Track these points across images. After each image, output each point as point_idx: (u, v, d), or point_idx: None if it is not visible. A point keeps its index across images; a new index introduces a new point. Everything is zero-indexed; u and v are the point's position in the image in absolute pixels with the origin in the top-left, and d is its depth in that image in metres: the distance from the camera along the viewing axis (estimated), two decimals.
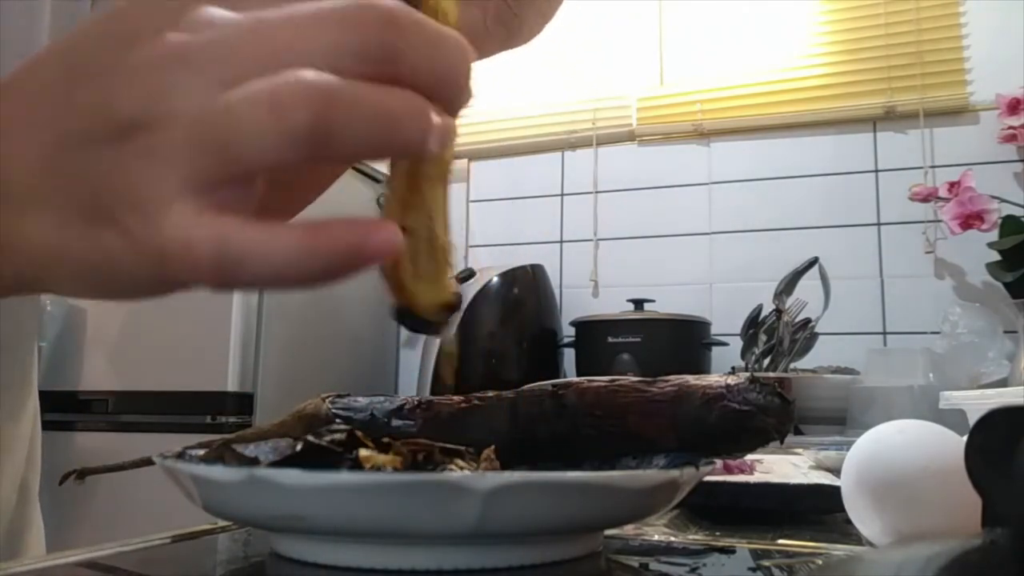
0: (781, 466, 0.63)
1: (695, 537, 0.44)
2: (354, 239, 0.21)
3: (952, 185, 1.65)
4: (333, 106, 0.20)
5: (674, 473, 0.32)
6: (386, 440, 0.33)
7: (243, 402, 1.57)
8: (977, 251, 1.61)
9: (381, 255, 0.21)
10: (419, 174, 0.27)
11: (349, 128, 0.20)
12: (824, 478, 0.55)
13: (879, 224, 1.83)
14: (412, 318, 0.28)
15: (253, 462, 0.32)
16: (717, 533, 0.45)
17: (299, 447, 0.33)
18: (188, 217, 0.21)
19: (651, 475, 0.33)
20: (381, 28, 0.21)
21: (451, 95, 0.23)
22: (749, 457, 0.60)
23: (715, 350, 1.75)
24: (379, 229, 0.21)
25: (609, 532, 0.41)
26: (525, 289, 1.86)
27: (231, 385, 1.55)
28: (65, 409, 1.64)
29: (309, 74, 0.20)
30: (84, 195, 0.22)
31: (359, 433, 0.34)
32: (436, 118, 0.22)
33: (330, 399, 0.42)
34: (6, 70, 0.27)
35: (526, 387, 0.42)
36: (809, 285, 1.64)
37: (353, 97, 0.20)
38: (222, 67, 0.21)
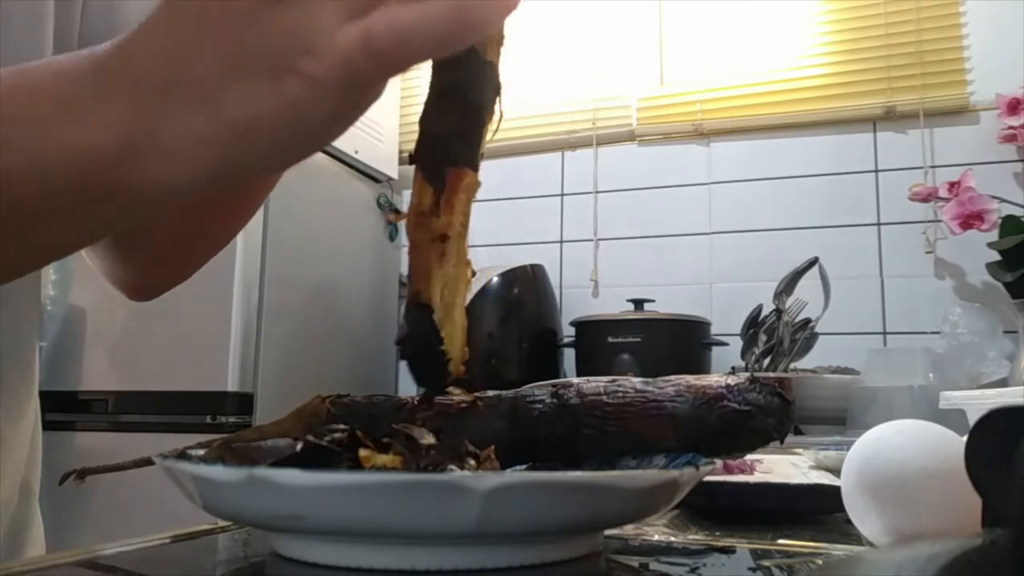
0: (781, 466, 0.63)
1: (695, 537, 0.44)
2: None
3: (952, 185, 1.65)
4: None
5: (674, 473, 0.32)
6: (386, 440, 0.33)
7: (243, 402, 1.57)
8: (977, 251, 1.62)
9: (513, 7, 0.26)
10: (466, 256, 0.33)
11: None
12: (824, 478, 0.55)
13: (879, 224, 1.83)
14: (445, 374, 0.33)
15: (253, 462, 0.32)
16: (717, 533, 0.45)
17: (299, 447, 0.33)
18: (354, 28, 0.24)
19: (651, 475, 0.33)
20: None
21: None
22: (749, 457, 0.60)
23: (715, 350, 1.75)
24: None
25: (609, 532, 0.41)
26: (525, 289, 1.86)
27: (231, 385, 1.55)
28: (65, 409, 1.64)
29: None
30: (261, 60, 0.25)
31: (359, 433, 0.34)
32: None
33: (330, 399, 0.42)
34: None
35: (526, 387, 0.42)
36: (809, 285, 1.64)
37: None
38: None
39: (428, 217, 0.33)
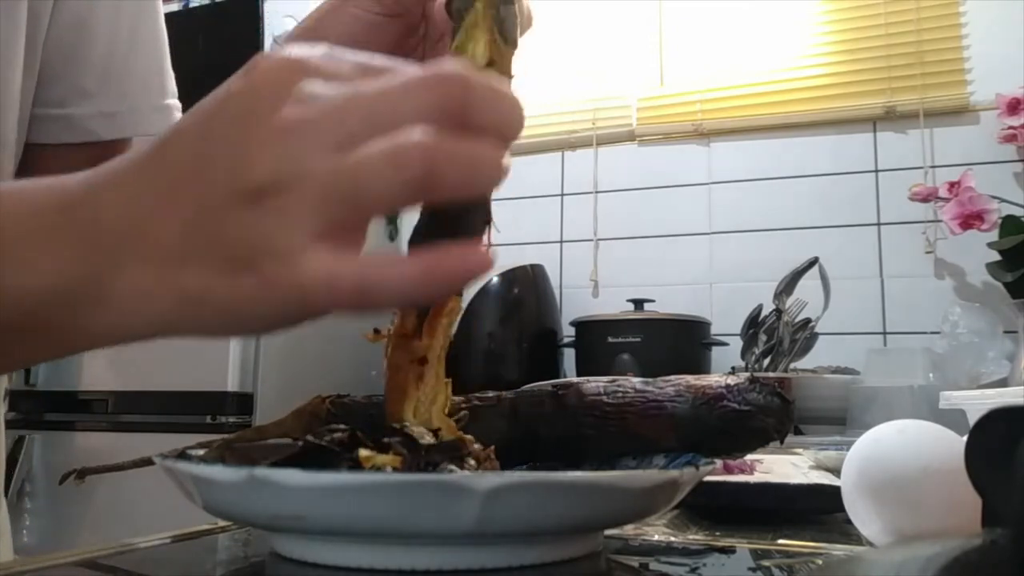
0: (781, 466, 0.63)
1: (695, 537, 0.44)
2: (459, 263, 0.26)
3: (952, 185, 1.64)
4: (438, 156, 0.25)
5: (674, 473, 0.32)
6: (386, 441, 0.33)
7: (243, 402, 1.57)
8: (977, 251, 1.61)
9: (480, 272, 0.26)
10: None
11: (450, 174, 0.25)
12: (824, 478, 0.55)
13: (879, 224, 1.83)
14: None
15: (253, 461, 0.32)
16: (717, 533, 0.45)
17: (299, 445, 0.33)
18: (323, 258, 0.25)
19: (651, 475, 0.33)
20: (457, 89, 0.26)
21: (509, 137, 0.28)
22: (749, 457, 0.60)
23: (715, 350, 1.75)
24: (474, 256, 0.26)
25: (609, 532, 0.41)
26: (525, 289, 1.86)
27: (231, 385, 1.55)
28: (65, 409, 1.64)
29: (416, 133, 0.25)
30: (227, 250, 0.26)
31: (359, 433, 0.34)
32: (505, 160, 0.27)
33: (330, 399, 0.42)
34: None
35: (526, 387, 0.42)
36: (809, 285, 1.64)
37: (451, 148, 0.25)
38: (336, 134, 0.25)
39: (409, 339, 0.35)
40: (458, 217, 0.34)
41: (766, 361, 1.60)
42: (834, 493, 0.42)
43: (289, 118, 0.25)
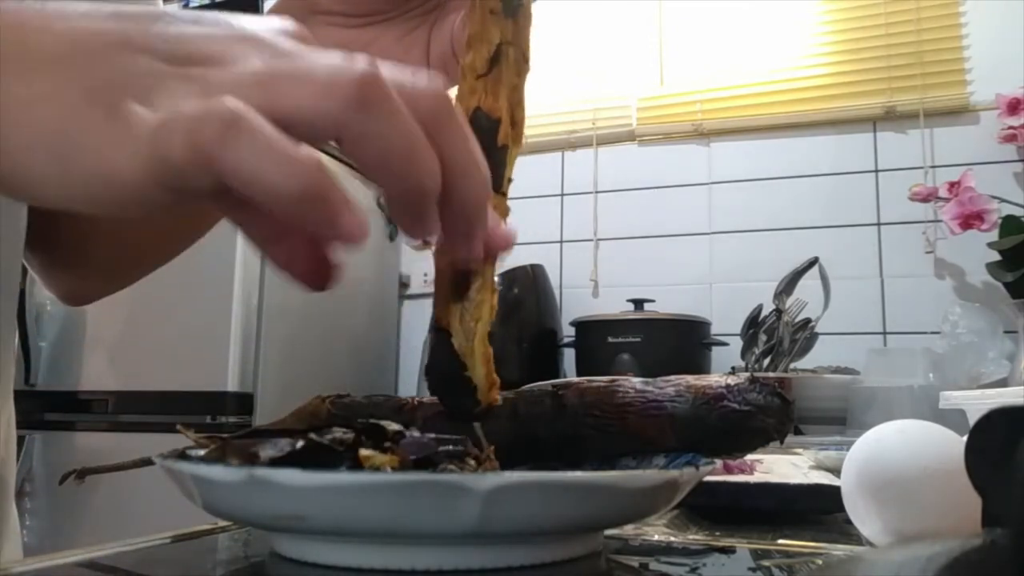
0: (781, 466, 0.63)
1: (695, 537, 0.44)
2: (335, 209, 0.24)
3: (952, 185, 1.65)
4: (381, 85, 0.24)
5: (674, 473, 0.32)
6: (387, 444, 0.33)
7: (243, 402, 1.57)
8: (977, 251, 1.62)
9: (344, 237, 0.24)
10: (492, 282, 0.35)
11: (388, 106, 0.24)
12: (824, 478, 0.55)
13: (879, 224, 1.83)
14: (475, 403, 0.35)
15: (253, 456, 0.32)
16: (717, 533, 0.45)
17: (299, 444, 0.33)
18: (203, 103, 0.23)
19: (651, 475, 0.33)
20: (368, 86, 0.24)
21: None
22: (749, 457, 0.60)
23: (715, 350, 1.75)
24: (353, 217, 0.24)
25: (609, 532, 0.41)
26: (525, 289, 1.86)
27: (231, 385, 1.55)
28: (65, 409, 1.64)
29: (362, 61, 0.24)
30: (129, 88, 0.24)
31: (363, 438, 0.34)
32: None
33: (330, 399, 0.42)
34: None
35: (526, 387, 0.42)
36: (809, 285, 1.64)
37: (397, 80, 0.25)
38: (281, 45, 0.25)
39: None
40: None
41: (766, 361, 1.60)
42: (834, 493, 0.42)
43: (248, 26, 0.25)
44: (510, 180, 0.35)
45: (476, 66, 0.36)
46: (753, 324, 1.66)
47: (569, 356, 1.86)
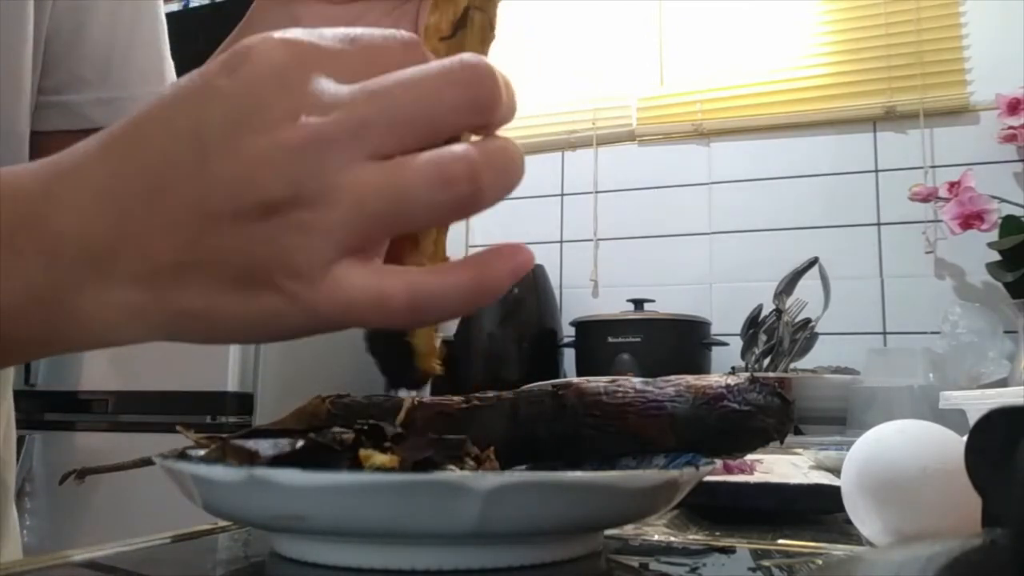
0: (781, 466, 0.63)
1: (695, 537, 0.44)
2: (510, 264, 0.25)
3: (952, 185, 1.65)
4: (483, 171, 0.23)
5: (674, 473, 0.32)
6: (387, 444, 0.33)
7: (243, 402, 1.57)
8: (977, 251, 1.61)
9: (526, 269, 0.25)
10: (442, 248, 0.32)
11: (491, 184, 0.24)
12: (824, 478, 0.55)
13: (879, 224, 1.83)
14: (413, 370, 0.33)
15: (253, 455, 0.32)
16: (717, 533, 0.45)
17: (300, 444, 0.33)
18: (362, 274, 0.23)
19: (651, 475, 0.33)
20: (492, 82, 0.24)
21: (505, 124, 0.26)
22: (749, 457, 0.60)
23: (715, 350, 1.75)
24: (520, 252, 0.25)
25: (609, 532, 0.41)
26: (525, 289, 1.86)
27: (231, 385, 1.55)
28: (65, 409, 1.64)
29: (459, 147, 0.23)
30: (235, 266, 0.23)
31: (363, 438, 0.34)
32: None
33: (330, 399, 0.42)
34: None
35: (526, 387, 0.42)
36: (809, 285, 1.64)
37: (492, 160, 0.24)
38: (365, 141, 0.23)
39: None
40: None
41: (766, 361, 1.60)
42: (834, 493, 0.42)
43: (310, 126, 0.22)
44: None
45: (441, 27, 0.34)
46: (753, 324, 1.66)
47: (569, 356, 1.86)
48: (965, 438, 0.30)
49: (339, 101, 0.23)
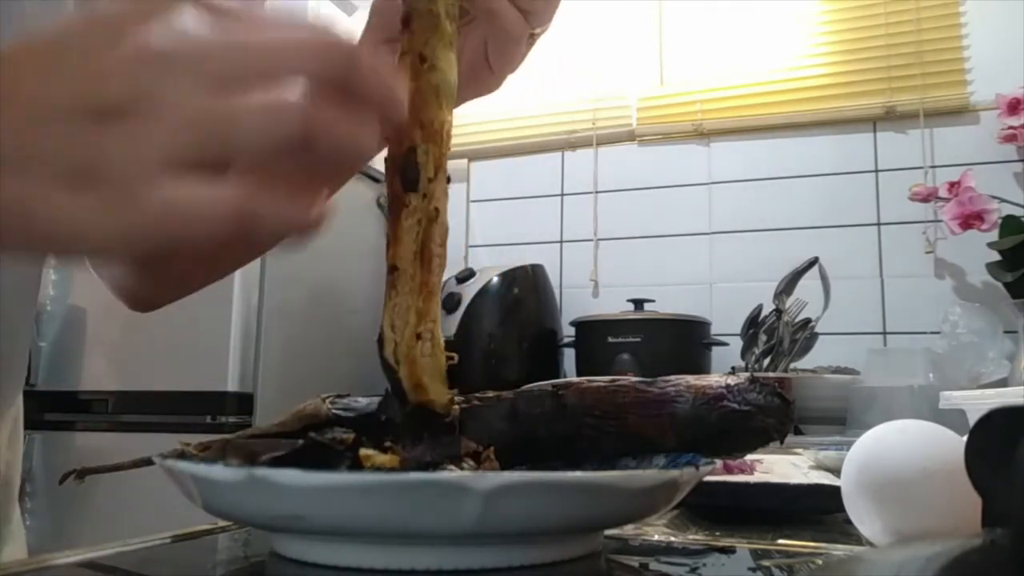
0: (781, 466, 0.63)
1: (695, 537, 0.44)
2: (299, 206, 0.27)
3: (952, 185, 1.65)
4: (315, 122, 0.25)
5: (674, 473, 0.32)
6: (387, 444, 0.33)
7: (243, 402, 1.57)
8: (977, 251, 1.61)
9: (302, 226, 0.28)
10: (429, 286, 0.34)
11: (323, 140, 0.25)
12: (824, 478, 0.55)
13: (879, 224, 1.83)
14: (426, 414, 0.34)
15: (253, 455, 0.32)
16: (717, 533, 0.45)
17: (300, 443, 0.33)
18: (183, 185, 0.24)
19: (651, 475, 0.33)
20: (344, 61, 0.26)
21: (390, 117, 0.28)
22: (749, 457, 0.60)
23: (715, 350, 1.75)
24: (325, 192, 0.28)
25: (609, 532, 0.41)
26: (525, 289, 1.86)
27: (231, 385, 1.55)
28: (65, 409, 1.64)
29: (294, 96, 0.25)
30: (64, 164, 0.24)
31: (363, 438, 0.34)
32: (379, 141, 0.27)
33: (330, 399, 0.42)
34: None
35: (526, 387, 0.42)
36: (809, 285, 1.64)
37: (328, 117, 0.25)
38: (208, 70, 0.24)
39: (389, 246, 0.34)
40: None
41: (766, 361, 1.60)
42: (834, 493, 0.42)
43: (161, 44, 0.24)
44: (430, 180, 0.34)
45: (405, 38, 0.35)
46: (753, 324, 1.66)
47: (569, 356, 1.86)
48: (965, 438, 0.30)
49: (198, 35, 0.25)
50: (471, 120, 2.15)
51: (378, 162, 0.35)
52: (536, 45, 0.43)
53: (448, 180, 0.35)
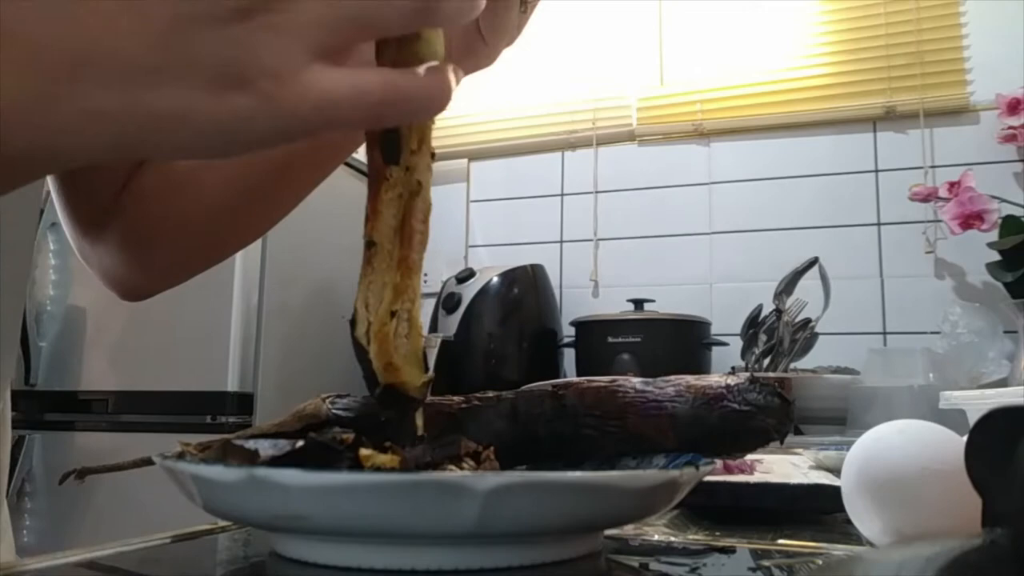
0: (781, 466, 0.63)
1: (695, 537, 0.44)
2: (457, 76, 0.28)
3: (952, 185, 1.65)
4: None
5: (674, 473, 0.32)
6: (387, 444, 0.33)
7: (243, 402, 1.57)
8: (977, 251, 1.62)
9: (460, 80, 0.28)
10: (408, 262, 0.31)
11: (445, 9, 0.26)
12: (824, 478, 0.55)
13: (879, 224, 1.83)
14: (397, 396, 0.32)
15: (253, 455, 0.32)
16: (717, 533, 0.45)
17: (299, 444, 0.33)
18: (334, 73, 0.25)
19: (651, 475, 0.33)
20: None
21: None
22: (749, 457, 0.60)
23: (715, 350, 1.75)
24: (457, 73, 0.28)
25: (609, 532, 0.41)
26: (525, 289, 1.86)
27: (231, 385, 1.55)
28: (65, 409, 1.64)
29: None
30: (211, 68, 0.24)
31: (364, 438, 0.34)
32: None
33: (330, 399, 0.42)
34: None
35: (526, 387, 0.42)
36: (809, 285, 1.64)
37: None
38: None
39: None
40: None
41: (766, 361, 1.60)
42: (834, 493, 0.42)
43: None
44: (412, 152, 0.32)
45: None
46: (753, 324, 1.66)
47: (569, 356, 1.86)
48: (965, 438, 0.30)
49: None
50: (471, 120, 2.16)
51: None
52: (533, 14, 0.42)
53: (433, 156, 0.33)
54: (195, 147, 0.26)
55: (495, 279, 1.82)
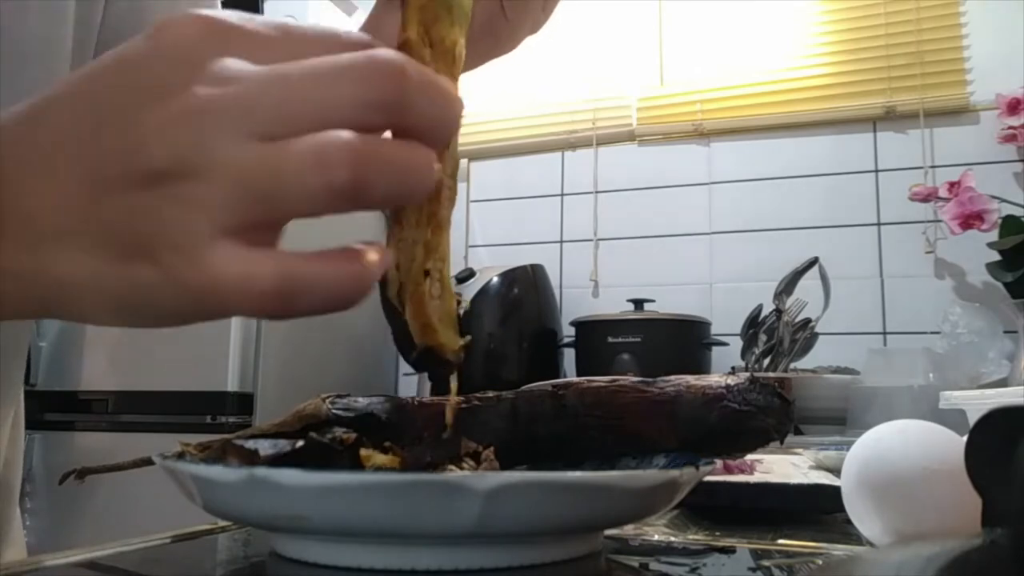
0: (781, 466, 0.63)
1: (695, 537, 0.44)
2: (383, 259, 0.24)
3: (952, 185, 1.65)
4: (368, 164, 0.22)
5: (674, 473, 0.32)
6: (387, 444, 0.33)
7: (243, 402, 1.57)
8: (977, 251, 1.61)
9: (385, 269, 0.25)
10: (438, 218, 0.30)
11: (378, 182, 0.23)
12: (824, 478, 0.55)
13: (879, 224, 1.83)
14: (434, 359, 0.31)
15: (253, 455, 0.32)
16: (717, 533, 0.45)
17: (300, 444, 0.33)
18: (234, 255, 0.23)
19: (651, 475, 0.33)
20: (394, 82, 0.23)
21: (443, 140, 0.25)
22: (749, 457, 0.60)
23: (715, 350, 1.75)
24: (385, 254, 0.25)
25: (609, 532, 0.41)
26: (525, 289, 1.86)
27: (231, 385, 1.55)
28: (65, 409, 1.64)
29: (345, 134, 0.22)
30: (118, 236, 0.23)
31: (364, 438, 0.34)
32: (437, 164, 0.24)
33: (330, 399, 0.42)
34: (29, 72, 0.26)
35: (526, 387, 0.42)
36: (809, 285, 1.64)
37: (382, 155, 0.23)
38: (251, 120, 0.22)
39: None
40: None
41: (766, 361, 1.60)
42: (834, 493, 0.42)
43: (200, 97, 0.22)
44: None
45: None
46: (753, 324, 1.66)
47: (569, 356, 1.86)
48: (965, 438, 0.30)
49: (236, 78, 0.23)
50: (471, 120, 2.15)
51: None
52: (535, 45, 0.42)
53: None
54: (101, 315, 0.25)
55: (495, 279, 1.82)
